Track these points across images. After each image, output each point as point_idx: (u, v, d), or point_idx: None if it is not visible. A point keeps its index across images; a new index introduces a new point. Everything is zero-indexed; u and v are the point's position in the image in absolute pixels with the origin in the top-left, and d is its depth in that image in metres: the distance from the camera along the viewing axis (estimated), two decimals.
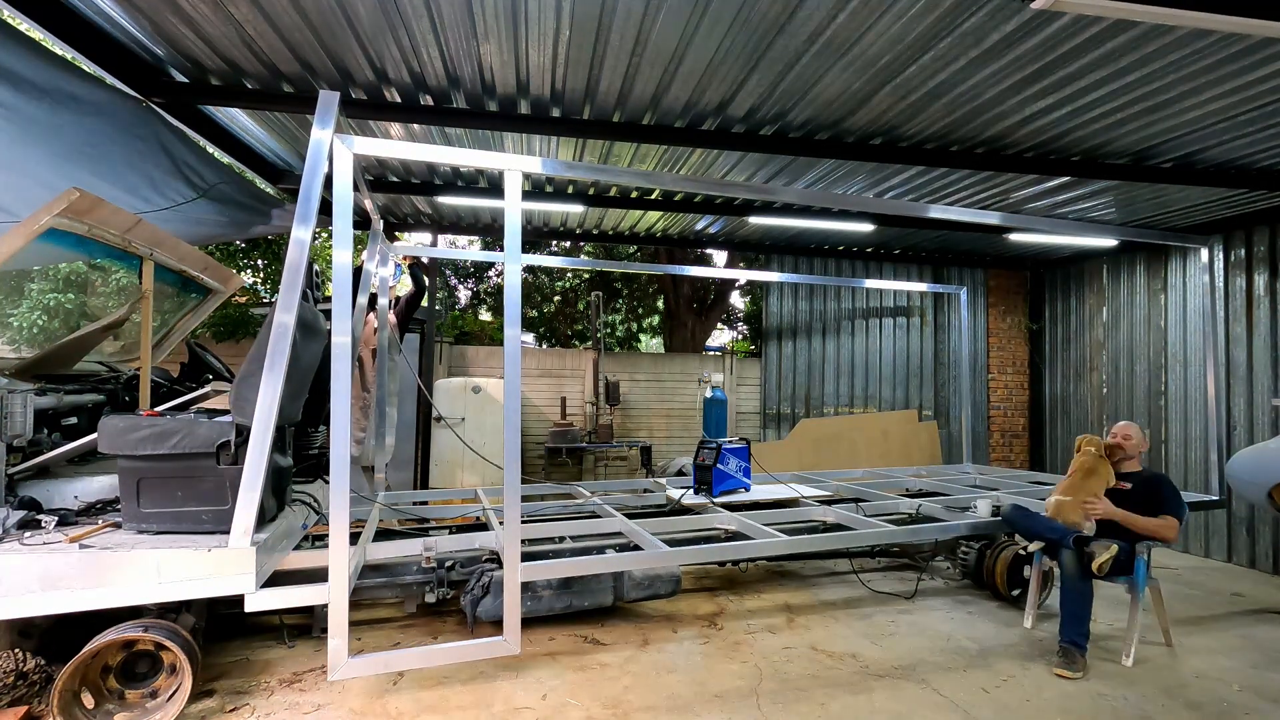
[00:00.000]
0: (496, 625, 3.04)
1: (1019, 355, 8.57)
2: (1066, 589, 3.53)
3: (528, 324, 12.31)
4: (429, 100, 3.93)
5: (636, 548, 3.72)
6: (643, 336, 13.94)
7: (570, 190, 5.78)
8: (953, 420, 8.18)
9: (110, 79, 3.41)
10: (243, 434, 2.59)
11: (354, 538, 3.04)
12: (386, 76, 3.64)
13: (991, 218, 4.45)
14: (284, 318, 2.63)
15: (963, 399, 7.03)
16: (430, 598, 3.55)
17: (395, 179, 5.49)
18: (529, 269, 11.77)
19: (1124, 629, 3.66)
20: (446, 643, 2.95)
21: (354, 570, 2.96)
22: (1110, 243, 7.05)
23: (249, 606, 2.61)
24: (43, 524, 2.63)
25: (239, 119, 4.34)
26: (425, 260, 6.40)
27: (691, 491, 4.79)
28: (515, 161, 3.08)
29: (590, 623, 3.90)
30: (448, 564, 3.58)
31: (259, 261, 8.67)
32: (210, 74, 3.65)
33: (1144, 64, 3.32)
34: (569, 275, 12.51)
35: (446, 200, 5.74)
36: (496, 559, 3.60)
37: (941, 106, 3.87)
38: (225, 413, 2.81)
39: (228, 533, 2.51)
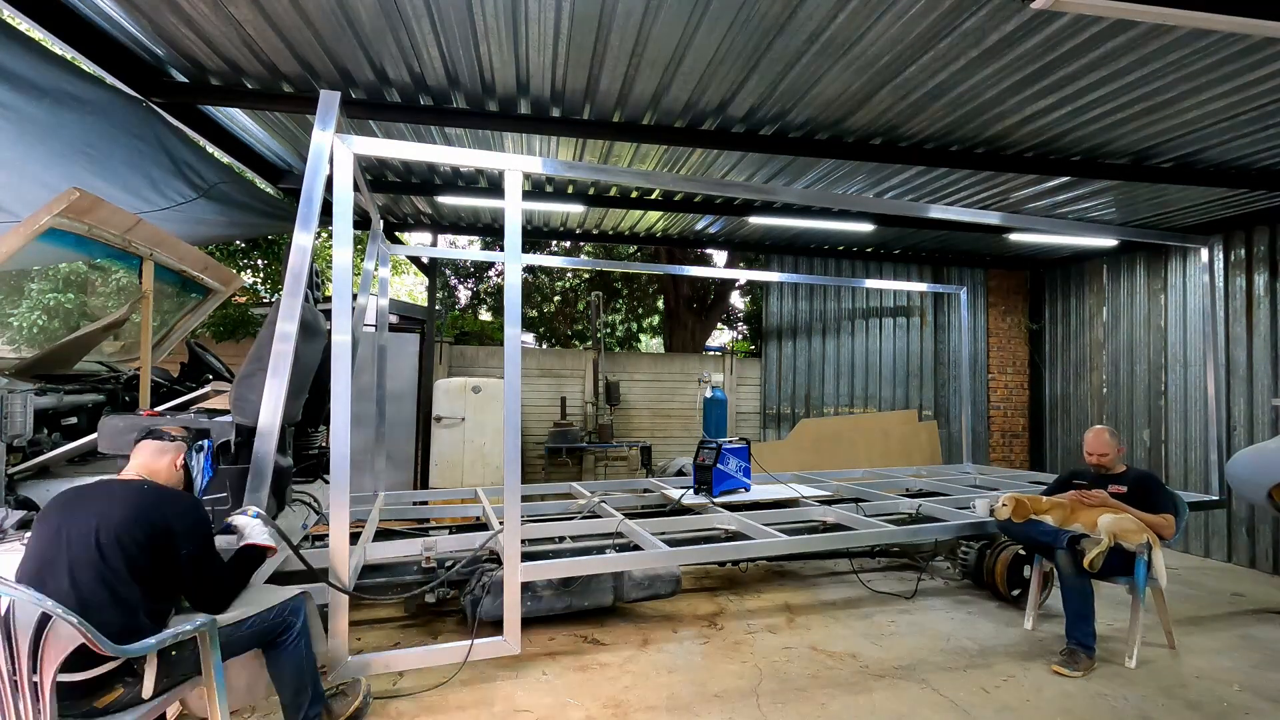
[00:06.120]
0: (496, 625, 3.05)
1: (1019, 355, 8.57)
2: (1066, 589, 3.54)
3: (528, 324, 12.31)
4: (429, 100, 3.93)
5: (636, 548, 3.72)
6: (643, 336, 13.94)
7: (570, 190, 5.78)
8: (953, 420, 8.18)
9: (110, 79, 3.41)
10: (243, 434, 2.59)
11: (354, 538, 3.05)
12: (386, 76, 3.64)
13: (991, 218, 4.46)
14: (286, 325, 2.62)
15: (963, 399, 7.03)
16: (430, 598, 3.55)
17: (395, 179, 5.49)
18: (529, 269, 11.78)
19: (1125, 629, 3.67)
20: (446, 643, 2.95)
21: (354, 570, 2.96)
22: (1110, 243, 7.04)
23: None
24: None
25: (239, 119, 4.34)
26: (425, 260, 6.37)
27: (691, 491, 4.79)
28: (515, 161, 3.09)
29: (590, 623, 3.90)
30: (448, 564, 3.58)
31: (259, 261, 8.67)
32: (210, 74, 3.65)
33: (1144, 64, 3.32)
34: (569, 275, 12.51)
35: (446, 200, 5.73)
36: (496, 559, 3.60)
37: (941, 106, 3.87)
38: (225, 413, 2.81)
39: None
